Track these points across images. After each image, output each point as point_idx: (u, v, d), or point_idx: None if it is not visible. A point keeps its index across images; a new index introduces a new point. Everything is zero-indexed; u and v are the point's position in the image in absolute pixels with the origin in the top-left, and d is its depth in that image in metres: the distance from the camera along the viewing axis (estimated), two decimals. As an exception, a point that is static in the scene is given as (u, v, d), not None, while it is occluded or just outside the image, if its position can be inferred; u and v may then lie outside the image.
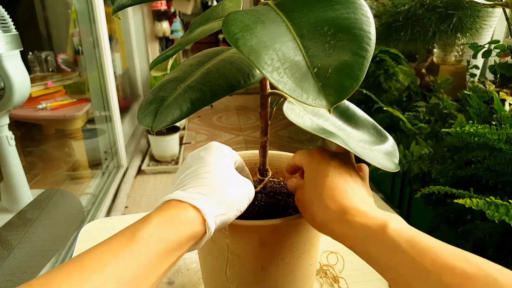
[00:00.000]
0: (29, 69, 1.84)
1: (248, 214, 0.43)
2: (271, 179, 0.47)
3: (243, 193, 0.36)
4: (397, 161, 0.40)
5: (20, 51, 1.12)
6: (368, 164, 0.39)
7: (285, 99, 0.39)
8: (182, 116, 0.31)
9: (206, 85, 0.31)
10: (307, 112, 0.40)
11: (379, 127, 0.44)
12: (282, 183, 0.50)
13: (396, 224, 0.29)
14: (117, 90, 2.09)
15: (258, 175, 0.47)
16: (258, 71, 0.32)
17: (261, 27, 0.28)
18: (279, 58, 0.26)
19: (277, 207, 0.45)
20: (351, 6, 0.29)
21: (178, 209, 0.31)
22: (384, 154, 0.41)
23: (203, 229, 0.31)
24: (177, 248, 0.30)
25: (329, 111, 0.25)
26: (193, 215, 0.31)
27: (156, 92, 0.33)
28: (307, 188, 0.36)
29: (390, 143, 0.42)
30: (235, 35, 0.26)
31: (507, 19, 1.13)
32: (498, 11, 1.30)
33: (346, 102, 0.44)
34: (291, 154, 0.55)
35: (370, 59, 0.26)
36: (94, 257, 0.26)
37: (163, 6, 3.14)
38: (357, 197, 0.33)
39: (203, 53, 0.39)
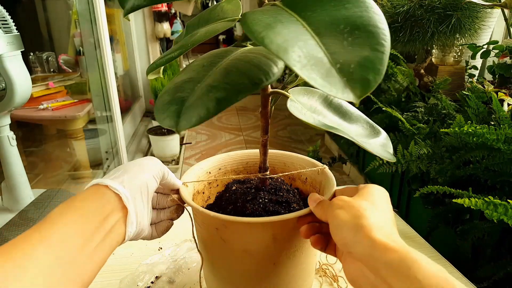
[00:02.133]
0: (30, 70, 1.85)
1: (255, 211, 0.44)
2: (269, 176, 0.48)
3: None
4: (391, 151, 0.42)
5: (22, 51, 1.12)
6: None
7: (287, 97, 0.40)
8: (209, 115, 0.30)
9: (230, 84, 0.31)
10: (307, 109, 0.41)
11: (372, 121, 0.45)
12: (280, 179, 0.51)
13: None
14: (118, 90, 2.09)
15: (258, 174, 0.48)
16: (275, 69, 0.32)
17: (281, 26, 0.29)
18: (305, 55, 0.27)
19: (280, 203, 0.47)
20: (362, 5, 0.30)
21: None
22: (380, 145, 0.42)
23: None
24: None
25: (357, 104, 0.26)
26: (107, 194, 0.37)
27: (174, 94, 0.33)
28: (343, 231, 0.34)
29: (383, 136, 0.44)
30: (260, 34, 0.28)
31: (505, 19, 1.13)
32: (497, 11, 1.30)
33: (339, 100, 0.45)
34: (289, 153, 0.56)
35: (388, 54, 0.27)
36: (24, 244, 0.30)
37: (163, 7, 3.15)
38: (385, 232, 0.32)
39: (210, 54, 0.39)
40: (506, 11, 1.10)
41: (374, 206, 0.34)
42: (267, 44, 0.27)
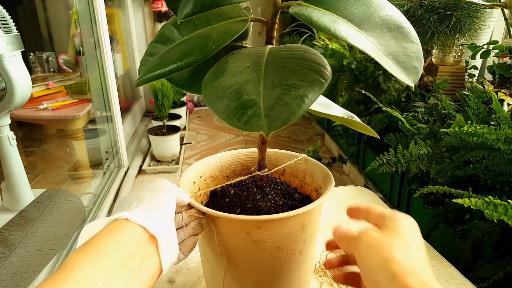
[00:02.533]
0: (30, 70, 1.85)
1: (269, 208, 0.46)
2: (265, 173, 0.49)
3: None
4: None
5: (22, 51, 1.12)
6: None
7: None
8: (299, 112, 0.30)
9: (306, 81, 0.31)
10: None
11: (345, 110, 0.49)
12: (269, 174, 0.53)
13: None
14: (118, 90, 2.09)
15: (258, 172, 0.49)
16: (327, 64, 0.34)
17: (340, 23, 0.32)
18: (372, 47, 0.31)
19: (284, 195, 0.49)
20: (383, 4, 0.35)
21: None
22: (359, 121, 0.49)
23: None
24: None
25: (413, 88, 0.30)
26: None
27: (237, 98, 0.32)
28: (372, 275, 0.33)
29: (357, 118, 0.49)
30: (334, 30, 0.31)
31: (505, 19, 1.13)
32: (497, 11, 1.30)
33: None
34: (293, 153, 0.56)
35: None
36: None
37: (164, 7, 3.15)
38: (422, 276, 0.31)
39: (242, 55, 0.38)
40: (506, 11, 1.10)
41: (406, 244, 0.33)
42: (344, 37, 0.31)
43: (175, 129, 2.41)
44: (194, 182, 0.52)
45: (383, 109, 1.26)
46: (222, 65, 0.37)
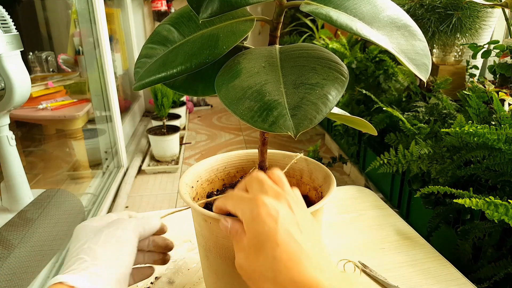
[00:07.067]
0: (30, 70, 1.84)
1: None
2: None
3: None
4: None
5: (21, 51, 1.12)
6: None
7: None
8: (326, 111, 0.30)
9: (328, 79, 0.32)
10: None
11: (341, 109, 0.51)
12: None
13: None
14: (118, 90, 2.09)
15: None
16: (341, 61, 0.35)
17: (357, 22, 0.33)
18: (392, 46, 0.32)
19: None
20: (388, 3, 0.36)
21: None
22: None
23: None
24: None
25: (425, 83, 0.32)
26: None
27: (260, 99, 0.31)
28: (252, 256, 0.29)
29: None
30: (356, 28, 0.32)
31: (506, 19, 1.13)
32: (498, 11, 1.30)
33: None
34: (288, 153, 0.56)
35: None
36: None
37: (163, 7, 3.15)
38: (313, 263, 0.28)
39: (253, 56, 0.37)
40: (506, 10, 1.09)
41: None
42: (366, 36, 0.31)
43: (175, 129, 2.40)
44: (192, 187, 0.52)
45: (383, 108, 1.26)
46: (234, 65, 0.36)
